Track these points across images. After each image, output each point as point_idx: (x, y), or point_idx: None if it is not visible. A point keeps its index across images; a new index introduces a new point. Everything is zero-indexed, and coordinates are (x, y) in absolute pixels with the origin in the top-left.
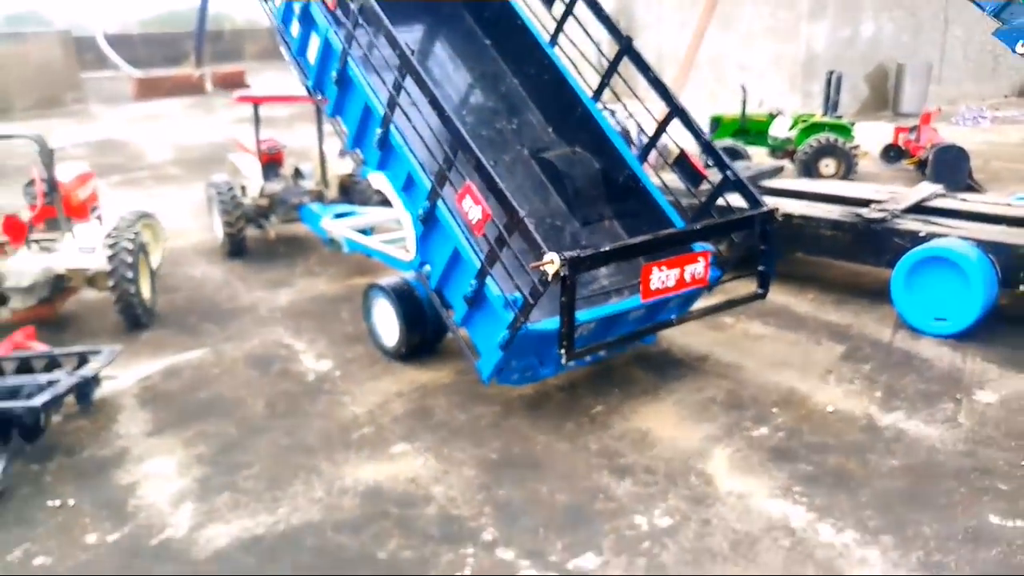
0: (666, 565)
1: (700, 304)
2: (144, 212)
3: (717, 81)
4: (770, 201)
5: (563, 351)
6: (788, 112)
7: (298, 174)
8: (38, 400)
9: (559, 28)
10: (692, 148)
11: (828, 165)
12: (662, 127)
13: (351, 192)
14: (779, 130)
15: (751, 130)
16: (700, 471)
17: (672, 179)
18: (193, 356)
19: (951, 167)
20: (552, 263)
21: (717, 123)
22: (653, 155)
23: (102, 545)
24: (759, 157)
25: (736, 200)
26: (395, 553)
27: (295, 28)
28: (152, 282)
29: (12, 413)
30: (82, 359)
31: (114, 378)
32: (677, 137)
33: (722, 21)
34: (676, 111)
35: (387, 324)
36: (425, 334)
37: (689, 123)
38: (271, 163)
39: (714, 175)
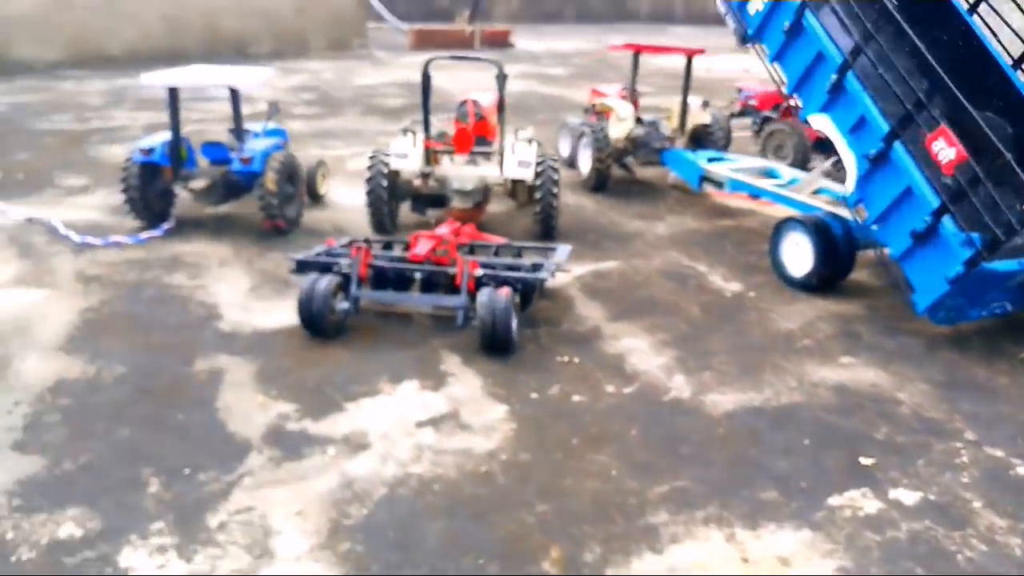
0: None
1: None
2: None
3: None
4: None
5: None
6: None
7: (639, 122)
8: (544, 274)
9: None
10: None
11: None
12: None
13: (702, 141)
14: None
15: None
16: None
17: None
18: (610, 265)
19: None
20: None
21: None
22: None
23: (621, 395)
24: None
25: None
26: (889, 436)
27: None
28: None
29: (528, 281)
30: (543, 252)
31: (568, 271)
32: None
33: None
34: None
35: (797, 256)
36: (836, 268)
37: None
38: None
39: None
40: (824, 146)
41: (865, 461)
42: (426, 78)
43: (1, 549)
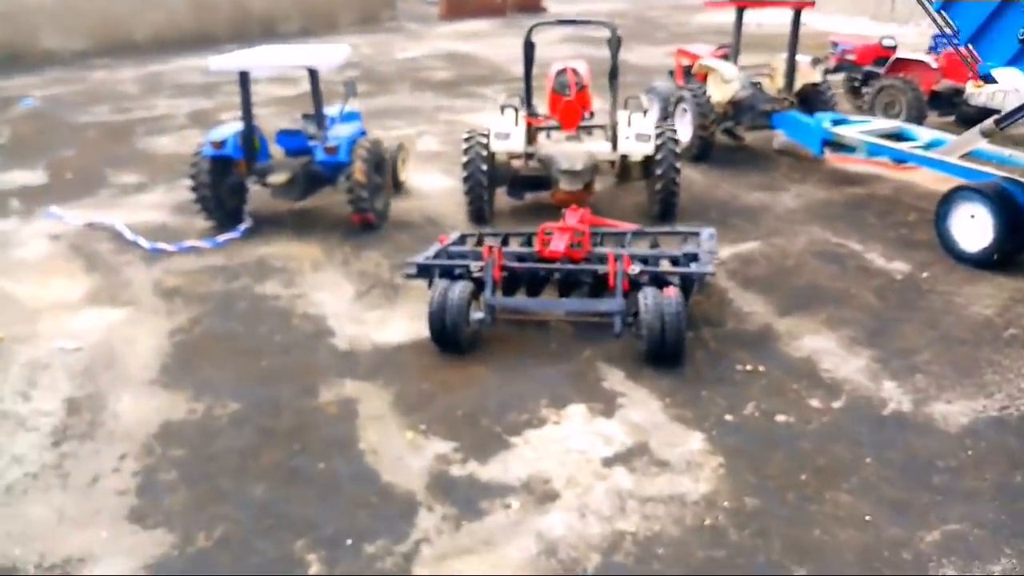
0: None
1: None
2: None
3: None
4: None
5: None
6: None
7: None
8: (709, 267)
9: None
10: None
11: None
12: None
13: (812, 101)
14: None
15: None
16: None
17: None
18: (751, 247)
19: None
20: None
21: None
22: None
23: (831, 411)
24: None
25: None
26: None
27: None
28: None
29: (693, 277)
30: (685, 238)
31: (721, 260)
32: None
33: None
34: None
35: (973, 229)
36: (1021, 241)
37: None
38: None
39: None
40: (940, 102)
41: None
42: (529, 47)
43: None
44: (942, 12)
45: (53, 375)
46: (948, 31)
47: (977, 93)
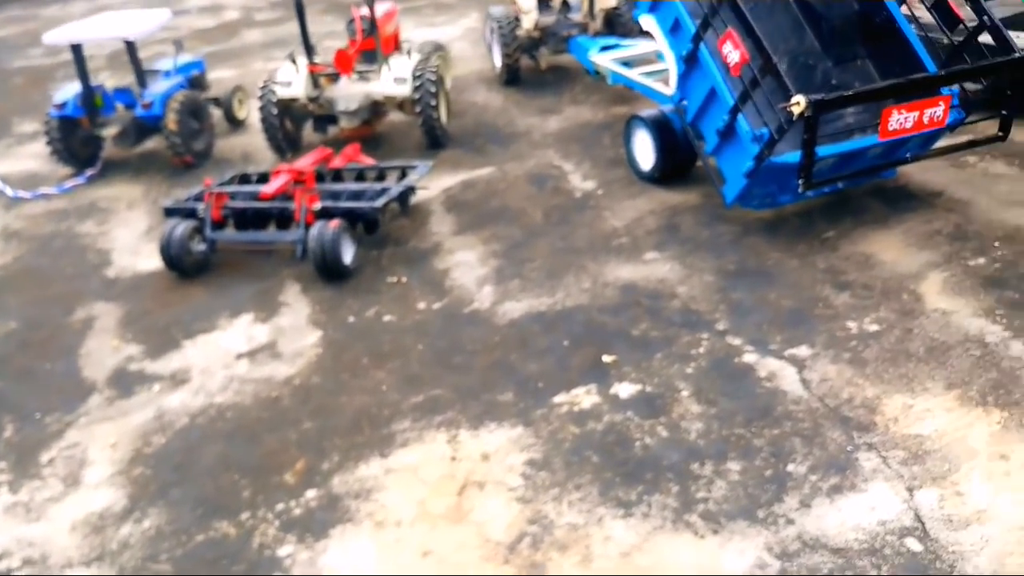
0: (867, 360)
1: (941, 144)
2: (438, 44)
3: None
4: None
5: (801, 181)
6: None
7: (566, 7)
8: (379, 202)
9: None
10: None
11: None
12: None
13: (615, 25)
14: None
15: None
16: (912, 291)
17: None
18: (483, 173)
19: None
20: (798, 104)
21: None
22: None
23: (428, 311)
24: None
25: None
26: (645, 332)
27: None
28: (448, 107)
29: (360, 212)
30: (403, 171)
31: (426, 188)
32: None
33: None
34: None
35: (644, 151)
36: (677, 161)
37: None
38: None
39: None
40: None
41: (607, 359)
42: (299, 3)
43: None
44: None
45: None
46: None
47: None
